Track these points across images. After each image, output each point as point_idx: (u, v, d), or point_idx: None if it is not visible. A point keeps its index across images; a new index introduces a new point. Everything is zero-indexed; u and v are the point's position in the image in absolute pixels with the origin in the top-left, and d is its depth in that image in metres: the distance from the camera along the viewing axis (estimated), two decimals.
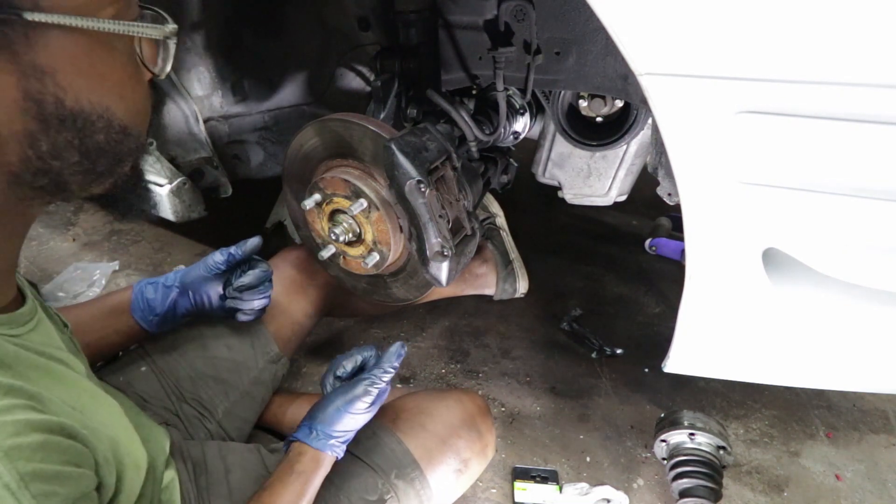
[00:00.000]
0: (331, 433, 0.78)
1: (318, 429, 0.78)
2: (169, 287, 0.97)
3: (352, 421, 0.79)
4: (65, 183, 0.50)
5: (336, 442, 0.78)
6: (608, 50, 1.03)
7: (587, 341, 1.52)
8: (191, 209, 1.36)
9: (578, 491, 1.11)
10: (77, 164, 0.49)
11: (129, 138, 0.53)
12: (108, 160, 0.52)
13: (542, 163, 1.51)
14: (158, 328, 0.98)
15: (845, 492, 1.15)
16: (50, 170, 0.48)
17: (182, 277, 0.97)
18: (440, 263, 0.94)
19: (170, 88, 1.24)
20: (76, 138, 0.48)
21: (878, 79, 0.60)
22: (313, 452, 0.78)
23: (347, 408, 0.79)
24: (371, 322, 1.63)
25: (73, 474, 0.49)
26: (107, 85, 0.49)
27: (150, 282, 0.98)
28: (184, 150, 1.36)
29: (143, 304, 0.95)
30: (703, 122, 0.68)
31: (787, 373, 0.93)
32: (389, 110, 1.14)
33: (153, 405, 0.95)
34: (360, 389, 0.80)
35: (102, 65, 0.49)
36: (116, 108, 0.50)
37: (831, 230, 0.73)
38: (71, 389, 0.57)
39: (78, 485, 0.49)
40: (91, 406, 0.59)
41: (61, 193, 0.52)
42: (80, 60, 0.47)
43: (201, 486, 0.83)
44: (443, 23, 1.13)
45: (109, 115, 0.50)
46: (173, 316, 0.97)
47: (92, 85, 0.48)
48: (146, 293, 0.96)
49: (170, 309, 0.96)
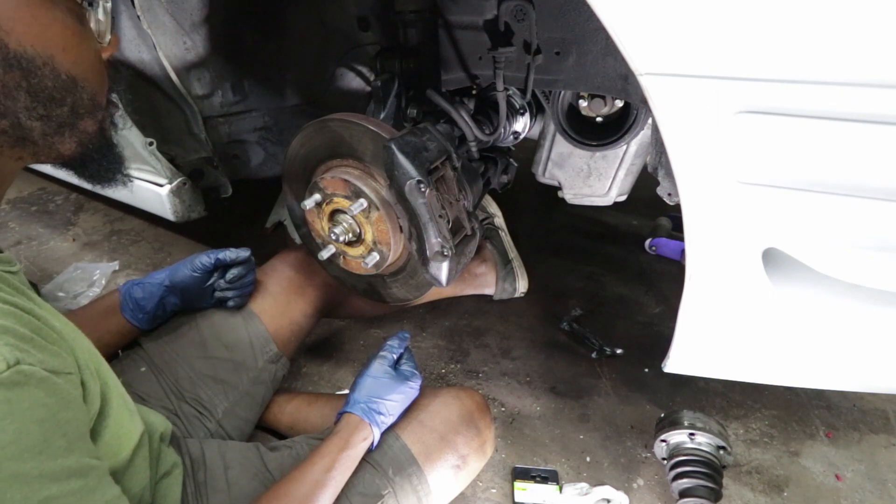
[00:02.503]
0: (358, 398, 0.89)
1: (350, 398, 0.90)
2: (157, 286, 1.01)
3: (374, 384, 0.90)
4: (26, 129, 0.55)
5: (365, 405, 0.88)
6: (608, 50, 1.03)
7: (587, 341, 1.52)
8: (191, 209, 1.36)
9: (578, 491, 1.11)
10: (31, 108, 0.54)
11: (80, 90, 0.57)
12: (63, 110, 0.57)
13: (542, 163, 1.51)
14: (149, 325, 1.03)
15: (845, 492, 1.15)
16: (5, 111, 0.53)
17: (170, 278, 1.02)
18: (440, 263, 0.94)
19: (170, 88, 1.24)
20: (23, 80, 0.52)
21: (878, 79, 0.60)
22: (346, 415, 0.88)
23: (365, 371, 0.93)
24: (371, 322, 1.63)
25: (49, 348, 0.51)
26: (48, 35, 0.53)
27: (136, 283, 1.02)
28: (184, 150, 1.36)
29: (131, 304, 1.00)
30: (702, 121, 0.68)
31: (787, 373, 0.93)
32: (389, 110, 1.14)
33: (152, 405, 0.95)
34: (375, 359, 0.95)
35: (43, 16, 0.53)
36: (61, 58, 0.55)
37: (832, 230, 0.73)
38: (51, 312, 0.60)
39: (55, 359, 0.51)
40: (71, 331, 0.62)
41: (26, 144, 0.56)
42: (22, 10, 0.51)
43: (199, 481, 0.83)
44: (443, 23, 1.13)
45: (54, 63, 0.54)
46: (163, 312, 1.04)
47: (33, 31, 0.52)
48: (134, 293, 1.01)
49: (159, 307, 1.02)
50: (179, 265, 1.04)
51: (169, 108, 1.29)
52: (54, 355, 0.51)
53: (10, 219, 2.23)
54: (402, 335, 1.01)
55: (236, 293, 1.07)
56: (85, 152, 0.62)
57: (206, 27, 1.19)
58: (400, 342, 0.99)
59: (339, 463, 0.81)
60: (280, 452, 0.91)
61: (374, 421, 0.87)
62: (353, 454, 0.84)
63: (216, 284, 1.06)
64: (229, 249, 1.05)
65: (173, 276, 1.02)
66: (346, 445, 0.83)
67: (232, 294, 1.06)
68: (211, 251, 1.04)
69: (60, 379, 0.50)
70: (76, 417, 0.52)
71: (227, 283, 1.06)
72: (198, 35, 1.19)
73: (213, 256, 1.03)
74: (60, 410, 0.48)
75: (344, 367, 1.48)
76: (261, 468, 0.87)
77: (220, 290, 1.06)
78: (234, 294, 1.07)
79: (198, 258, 1.03)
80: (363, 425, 0.86)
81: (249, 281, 1.08)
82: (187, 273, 1.02)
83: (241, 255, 1.05)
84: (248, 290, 1.10)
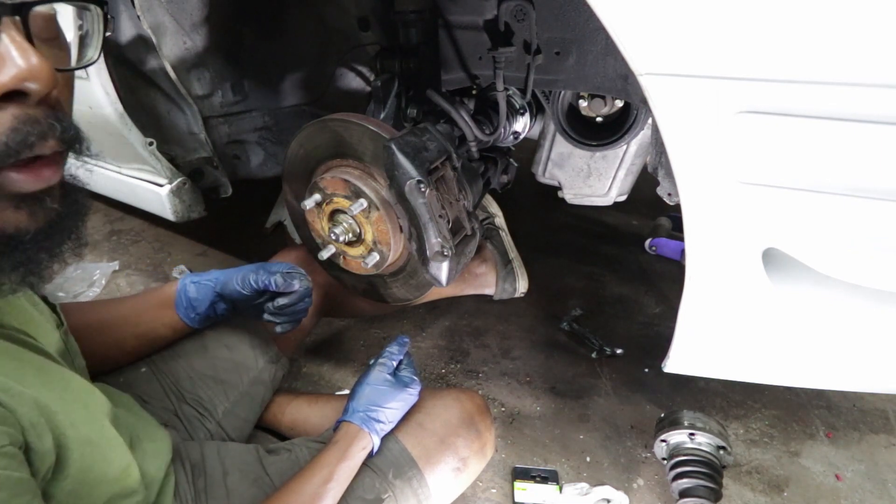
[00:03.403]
0: (357, 407, 0.89)
1: (349, 406, 0.90)
2: (210, 289, 0.97)
3: (373, 392, 0.90)
4: None
5: (364, 414, 0.87)
6: (608, 50, 1.03)
7: (587, 341, 1.52)
8: (191, 209, 1.36)
9: (578, 491, 1.11)
10: None
11: None
12: None
13: (542, 163, 1.51)
14: (201, 325, 1.01)
15: (845, 492, 1.15)
16: None
17: (222, 287, 0.97)
18: (440, 263, 0.94)
19: (170, 88, 1.24)
20: None
21: (878, 79, 0.60)
22: (344, 425, 0.88)
23: (364, 380, 0.92)
24: (371, 322, 1.63)
25: None
26: None
27: (193, 280, 0.98)
28: (184, 150, 1.36)
29: (185, 303, 0.97)
30: (703, 122, 0.68)
31: (787, 373, 0.93)
32: (389, 110, 1.14)
33: (153, 406, 0.95)
34: (375, 367, 0.94)
35: None
36: None
37: (831, 230, 0.73)
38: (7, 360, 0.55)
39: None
40: (30, 375, 0.56)
41: None
42: None
43: (199, 489, 0.83)
44: (443, 23, 1.13)
45: None
46: (214, 315, 1.00)
47: None
48: (189, 292, 0.97)
49: (210, 309, 0.99)
50: (233, 273, 0.97)
51: (169, 108, 1.29)
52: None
53: None
54: (402, 340, 0.99)
55: (285, 320, 0.98)
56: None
57: (206, 27, 1.19)
58: (399, 348, 0.97)
59: (338, 474, 0.81)
60: (279, 456, 0.91)
61: (374, 429, 0.87)
62: (351, 464, 0.84)
63: (266, 307, 0.97)
64: (279, 273, 0.94)
65: (224, 285, 0.96)
66: (345, 456, 0.83)
67: (280, 320, 0.98)
68: (264, 269, 0.95)
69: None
70: (13, 494, 0.47)
71: (275, 309, 0.96)
72: (198, 35, 1.19)
73: (261, 279, 0.94)
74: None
75: (344, 368, 1.48)
76: (260, 473, 0.87)
77: (268, 314, 0.98)
78: (282, 320, 0.98)
79: (248, 275, 0.95)
80: (363, 434, 0.86)
81: (301, 309, 0.98)
82: (236, 288, 0.95)
83: (291, 286, 0.94)
84: (300, 317, 1.00)
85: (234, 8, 1.20)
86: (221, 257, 1.97)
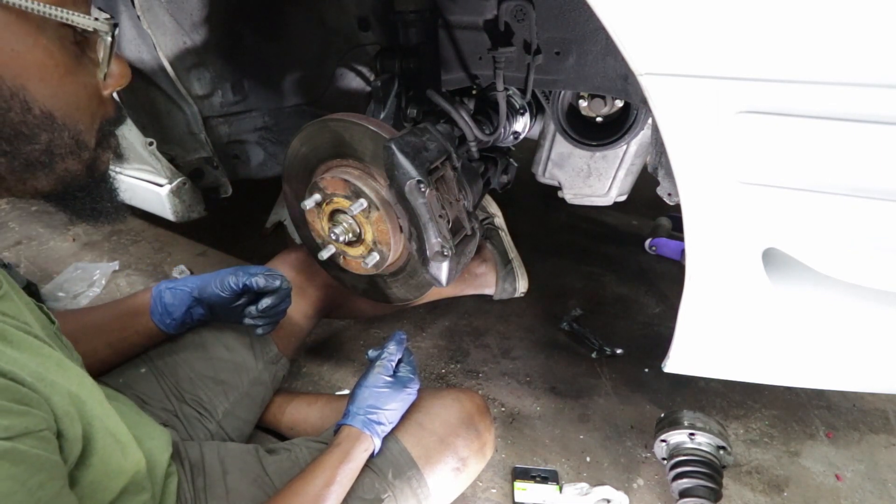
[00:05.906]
0: (357, 410, 0.88)
1: (349, 409, 0.89)
2: (186, 294, 0.98)
3: (372, 395, 0.89)
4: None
5: (364, 417, 0.87)
6: (608, 50, 1.03)
7: (587, 341, 1.52)
8: (191, 209, 1.36)
9: (578, 491, 1.11)
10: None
11: (58, 129, 0.52)
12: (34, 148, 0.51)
13: (542, 163, 1.51)
14: (177, 331, 1.00)
15: (845, 492, 1.15)
16: None
17: (199, 291, 0.97)
18: (440, 263, 0.94)
19: (169, 88, 1.24)
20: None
21: (878, 79, 0.60)
22: (345, 428, 0.88)
23: (363, 382, 0.92)
24: (371, 322, 1.63)
25: (13, 409, 0.47)
26: (20, 63, 0.48)
27: (168, 286, 0.99)
28: (184, 150, 1.36)
29: (160, 309, 0.97)
30: (703, 122, 0.68)
31: (787, 373, 0.93)
32: (389, 110, 1.14)
33: (153, 406, 0.95)
34: (374, 368, 0.93)
35: (18, 42, 0.47)
36: (36, 90, 0.49)
37: (831, 230, 0.73)
38: (29, 352, 0.56)
39: (21, 420, 0.47)
40: (54, 369, 0.58)
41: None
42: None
43: (198, 488, 0.83)
44: (443, 23, 1.13)
45: (25, 94, 0.49)
46: (190, 320, 1.00)
47: (4, 61, 0.47)
48: (164, 298, 0.98)
49: (187, 314, 0.99)
50: (210, 278, 0.97)
51: (169, 108, 1.29)
52: (20, 415, 0.48)
53: (10, 219, 2.23)
54: (399, 337, 0.98)
55: (266, 321, 1.00)
56: (67, 191, 0.57)
57: (206, 27, 1.19)
58: (397, 346, 0.97)
59: (340, 476, 0.81)
60: (279, 455, 0.91)
61: (374, 431, 0.87)
62: (353, 467, 0.84)
63: (247, 311, 0.98)
64: (260, 274, 0.96)
65: (202, 289, 0.97)
66: (347, 459, 0.83)
67: (262, 322, 0.99)
68: (242, 270, 0.97)
69: (27, 442, 0.47)
70: (50, 477, 0.48)
71: (258, 312, 0.97)
72: (198, 35, 1.19)
73: (241, 280, 0.95)
74: (30, 477, 0.46)
75: (344, 368, 1.48)
76: (259, 473, 0.87)
77: (250, 317, 0.99)
78: (263, 322, 0.99)
79: (227, 277, 0.95)
80: (364, 437, 0.86)
81: (282, 310, 1.01)
82: (215, 291, 0.96)
83: (272, 284, 0.96)
84: (279, 318, 1.02)
85: (234, 8, 1.20)
86: (221, 257, 1.97)
